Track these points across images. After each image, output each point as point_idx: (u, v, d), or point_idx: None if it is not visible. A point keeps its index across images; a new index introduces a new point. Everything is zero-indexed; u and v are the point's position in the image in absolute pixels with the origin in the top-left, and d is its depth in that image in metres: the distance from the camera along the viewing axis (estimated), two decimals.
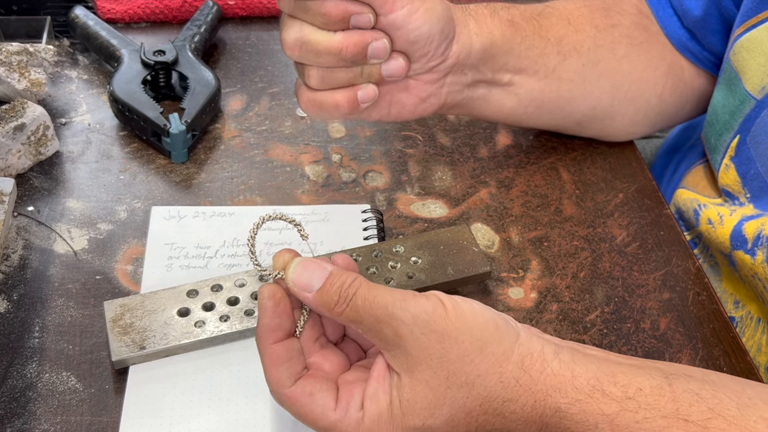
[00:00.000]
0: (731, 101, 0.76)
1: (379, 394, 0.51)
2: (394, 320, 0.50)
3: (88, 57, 0.91)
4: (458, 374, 0.50)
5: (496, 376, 0.51)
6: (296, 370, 0.53)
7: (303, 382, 0.52)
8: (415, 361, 0.50)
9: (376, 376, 0.52)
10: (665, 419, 0.51)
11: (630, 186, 0.82)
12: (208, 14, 0.91)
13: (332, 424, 0.51)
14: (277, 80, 0.91)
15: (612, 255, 0.76)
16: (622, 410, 0.51)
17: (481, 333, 0.51)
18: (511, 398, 0.51)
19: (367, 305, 0.50)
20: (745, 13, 0.73)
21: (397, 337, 0.50)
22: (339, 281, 0.51)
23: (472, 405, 0.51)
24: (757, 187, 0.75)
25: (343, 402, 0.51)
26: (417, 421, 0.51)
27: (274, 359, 0.52)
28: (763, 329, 0.76)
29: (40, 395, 0.61)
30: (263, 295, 0.52)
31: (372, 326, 0.50)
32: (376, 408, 0.51)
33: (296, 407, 0.52)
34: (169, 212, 0.75)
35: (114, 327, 0.63)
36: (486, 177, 0.82)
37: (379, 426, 0.50)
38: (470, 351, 0.50)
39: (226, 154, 0.82)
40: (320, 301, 0.51)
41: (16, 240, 0.72)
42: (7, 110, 0.76)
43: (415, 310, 0.50)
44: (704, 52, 0.81)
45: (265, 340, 0.52)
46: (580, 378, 0.51)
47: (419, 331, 0.50)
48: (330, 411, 0.51)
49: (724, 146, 0.78)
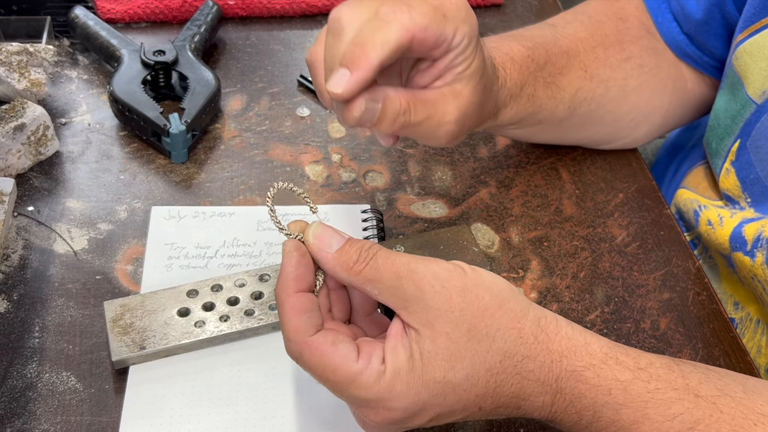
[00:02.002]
0: (733, 106, 0.76)
1: (399, 348, 0.51)
2: (415, 275, 0.50)
3: (88, 57, 0.91)
4: (479, 327, 0.51)
5: (515, 330, 0.52)
6: (317, 321, 0.52)
7: (325, 332, 0.52)
8: (436, 314, 0.50)
9: (395, 333, 0.52)
10: (676, 391, 0.52)
11: (630, 186, 0.82)
12: (208, 14, 0.91)
13: (353, 376, 0.50)
14: (277, 80, 0.91)
15: (612, 255, 0.76)
16: (635, 379, 0.52)
17: (499, 291, 0.52)
18: (530, 355, 0.52)
19: (388, 263, 0.51)
20: (747, 19, 0.73)
21: (418, 291, 0.50)
22: (358, 244, 0.52)
23: (493, 360, 0.51)
24: (757, 191, 0.75)
25: (365, 354, 0.51)
26: (438, 373, 0.50)
27: (297, 307, 0.52)
28: (763, 331, 0.76)
29: (40, 395, 0.61)
30: (289, 247, 0.53)
31: (392, 283, 0.51)
32: (396, 361, 0.50)
33: (316, 357, 0.51)
34: (169, 212, 0.75)
35: (114, 327, 0.63)
36: (486, 177, 0.82)
37: (400, 378, 0.50)
38: (490, 306, 0.51)
39: (226, 154, 0.82)
40: (339, 261, 0.52)
41: (16, 240, 0.72)
42: (7, 110, 0.76)
43: (436, 268, 0.51)
44: (704, 56, 0.81)
45: (287, 288, 0.52)
46: (593, 345, 0.53)
47: (440, 285, 0.51)
48: (352, 362, 0.50)
49: (725, 151, 0.78)
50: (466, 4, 0.59)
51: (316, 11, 0.99)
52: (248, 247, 0.73)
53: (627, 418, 0.52)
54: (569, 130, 0.81)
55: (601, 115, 0.80)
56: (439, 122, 0.60)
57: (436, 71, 0.60)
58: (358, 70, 0.54)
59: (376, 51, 0.54)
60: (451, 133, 0.61)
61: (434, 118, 0.60)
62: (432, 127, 0.60)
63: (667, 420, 0.51)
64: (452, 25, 0.57)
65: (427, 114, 0.59)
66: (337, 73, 0.54)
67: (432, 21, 0.56)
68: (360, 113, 0.56)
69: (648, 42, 0.81)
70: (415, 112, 0.59)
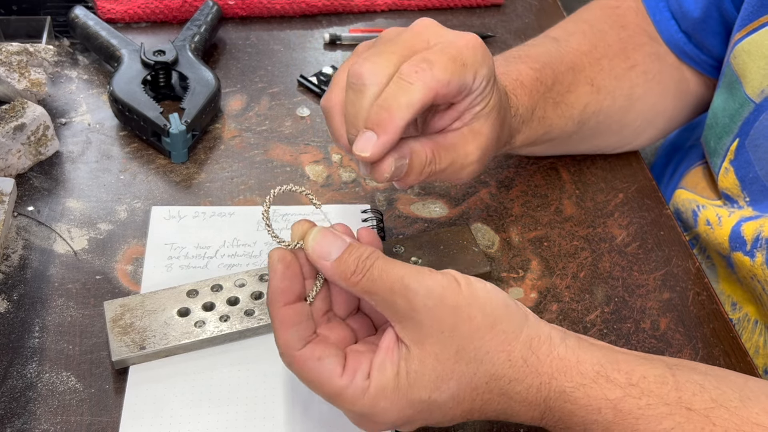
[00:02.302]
0: (731, 105, 0.76)
1: (387, 364, 0.51)
2: (408, 291, 0.50)
3: (88, 57, 0.91)
4: (468, 349, 0.51)
5: (504, 354, 0.51)
6: (306, 333, 0.53)
7: (312, 346, 0.52)
8: (426, 333, 0.51)
9: (385, 347, 0.52)
10: (667, 406, 0.51)
11: (630, 186, 0.82)
12: (208, 14, 0.91)
13: (338, 391, 0.51)
14: (277, 80, 0.91)
15: (612, 255, 0.76)
16: (626, 396, 0.52)
17: (492, 310, 0.52)
18: (518, 378, 0.52)
19: (383, 276, 0.51)
20: (745, 17, 0.73)
21: (410, 309, 0.50)
22: (357, 252, 0.52)
23: (479, 381, 0.51)
24: (756, 190, 0.75)
25: (350, 369, 0.51)
26: (423, 393, 0.51)
27: (284, 321, 0.52)
28: (761, 331, 0.76)
29: (40, 395, 0.61)
30: (273, 259, 0.53)
31: (386, 297, 0.51)
32: (382, 378, 0.51)
33: (304, 371, 0.52)
34: (169, 212, 0.75)
35: (114, 327, 0.63)
36: (486, 177, 0.82)
37: (384, 396, 0.51)
38: (481, 327, 0.51)
39: (226, 154, 0.82)
40: (337, 270, 0.52)
41: (16, 240, 0.72)
42: (7, 110, 0.76)
43: (429, 284, 0.51)
44: (702, 55, 0.81)
45: (275, 302, 0.53)
46: (585, 363, 0.52)
47: (432, 303, 0.50)
48: (336, 377, 0.51)
49: (723, 150, 0.78)
50: (482, 45, 0.58)
51: (316, 11, 0.99)
52: (248, 247, 0.73)
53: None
54: (578, 143, 0.81)
55: (609, 125, 0.80)
56: (462, 165, 0.61)
57: (455, 113, 0.60)
58: (385, 133, 0.54)
59: (401, 113, 0.54)
60: (474, 172, 0.62)
61: (457, 162, 0.60)
62: (456, 171, 0.61)
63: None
64: (472, 71, 0.57)
65: (450, 160, 0.60)
66: (364, 136, 0.55)
67: (453, 74, 0.56)
68: (390, 173, 0.57)
69: (651, 48, 0.81)
70: (439, 161, 0.59)
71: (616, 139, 0.83)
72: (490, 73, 0.59)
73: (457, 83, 0.56)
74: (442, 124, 0.60)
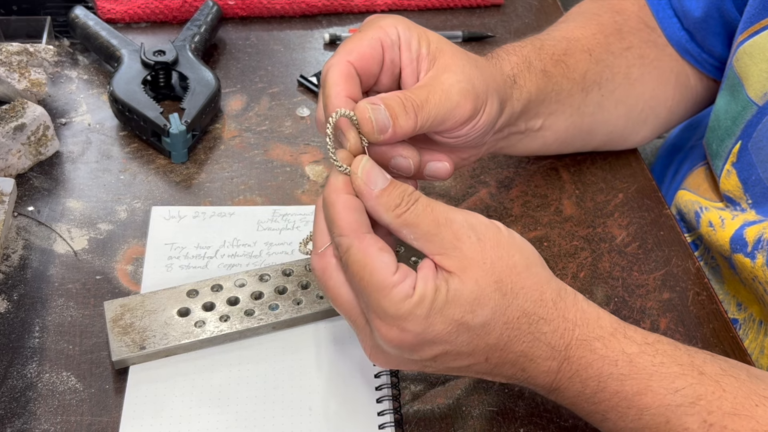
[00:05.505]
0: (733, 107, 0.76)
1: (429, 279, 0.52)
2: (454, 224, 0.53)
3: (88, 57, 0.91)
4: (506, 281, 0.53)
5: (537, 293, 0.54)
6: (369, 223, 0.53)
7: (376, 237, 0.53)
8: (470, 262, 0.52)
9: (427, 267, 0.53)
10: (680, 367, 0.54)
11: (630, 186, 0.82)
12: (208, 14, 0.91)
13: (386, 285, 0.51)
14: (277, 80, 0.91)
15: (612, 255, 0.76)
16: (642, 352, 0.54)
17: (528, 255, 0.55)
18: (547, 318, 0.54)
19: (429, 210, 0.52)
20: (747, 20, 0.73)
21: (455, 239, 0.52)
22: (401, 187, 0.53)
23: (512, 315, 0.53)
24: (758, 193, 0.75)
25: (402, 272, 0.52)
26: (457, 312, 0.52)
27: (350, 205, 0.53)
28: (765, 331, 0.76)
29: (40, 395, 0.61)
30: (340, 156, 0.54)
31: (430, 229, 0.52)
32: (424, 289, 0.51)
33: (361, 253, 0.52)
34: (169, 212, 0.75)
35: (114, 327, 0.63)
36: (486, 177, 0.82)
37: (423, 305, 0.51)
38: (518, 264, 0.54)
39: (226, 154, 0.82)
40: (382, 201, 0.52)
41: (16, 240, 0.72)
42: (7, 110, 0.76)
43: (473, 221, 0.53)
44: (703, 54, 0.81)
45: (340, 191, 0.53)
46: (604, 319, 0.55)
47: (476, 237, 0.53)
48: (391, 273, 0.51)
49: (725, 152, 0.78)
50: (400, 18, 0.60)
51: (316, 11, 0.99)
52: (248, 247, 0.73)
53: (631, 389, 0.53)
54: (590, 125, 0.79)
55: (614, 105, 0.79)
56: (448, 99, 0.59)
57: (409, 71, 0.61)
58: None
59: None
60: (465, 91, 0.60)
61: (442, 102, 0.59)
62: (448, 112, 0.59)
63: (669, 393, 0.53)
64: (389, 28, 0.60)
65: (426, 96, 0.58)
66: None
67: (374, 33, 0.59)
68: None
69: (647, 35, 0.81)
70: (417, 97, 0.58)
71: (623, 124, 0.81)
72: (409, 24, 0.60)
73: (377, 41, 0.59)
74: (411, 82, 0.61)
